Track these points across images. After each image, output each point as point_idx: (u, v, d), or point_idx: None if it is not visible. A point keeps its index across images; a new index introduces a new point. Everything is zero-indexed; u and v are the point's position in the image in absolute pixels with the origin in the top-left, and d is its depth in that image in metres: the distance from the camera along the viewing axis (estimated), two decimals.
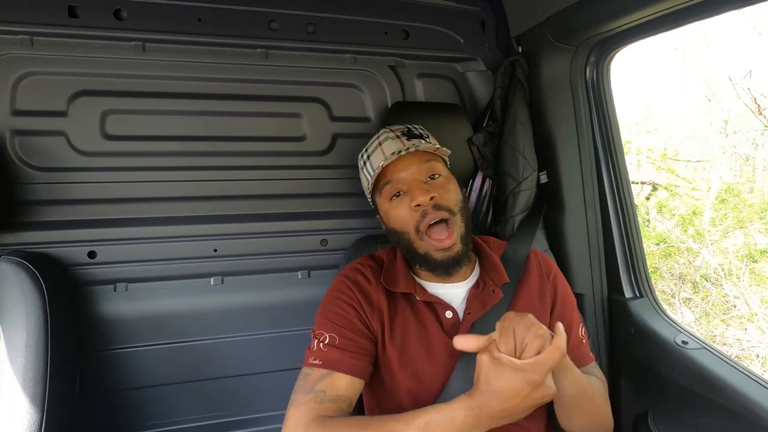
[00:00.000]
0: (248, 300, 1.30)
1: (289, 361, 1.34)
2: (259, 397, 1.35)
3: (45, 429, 0.93)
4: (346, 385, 0.84)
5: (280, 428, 0.81)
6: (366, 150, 1.01)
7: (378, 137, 1.00)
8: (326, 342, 0.87)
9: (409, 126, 1.01)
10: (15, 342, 0.97)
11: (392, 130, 0.99)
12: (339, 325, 0.89)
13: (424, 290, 0.94)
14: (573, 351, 0.96)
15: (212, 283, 1.27)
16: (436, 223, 0.90)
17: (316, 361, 0.85)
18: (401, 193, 0.93)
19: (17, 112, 1.12)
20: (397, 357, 0.90)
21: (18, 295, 1.00)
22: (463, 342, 0.73)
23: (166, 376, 1.26)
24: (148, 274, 1.23)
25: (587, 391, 0.86)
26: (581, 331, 0.99)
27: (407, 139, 0.95)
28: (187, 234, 1.24)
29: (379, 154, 0.95)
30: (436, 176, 0.94)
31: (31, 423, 0.92)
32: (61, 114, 1.15)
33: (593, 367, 0.99)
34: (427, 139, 0.99)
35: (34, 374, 0.95)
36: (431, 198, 0.89)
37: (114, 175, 1.19)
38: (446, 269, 0.91)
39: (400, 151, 0.92)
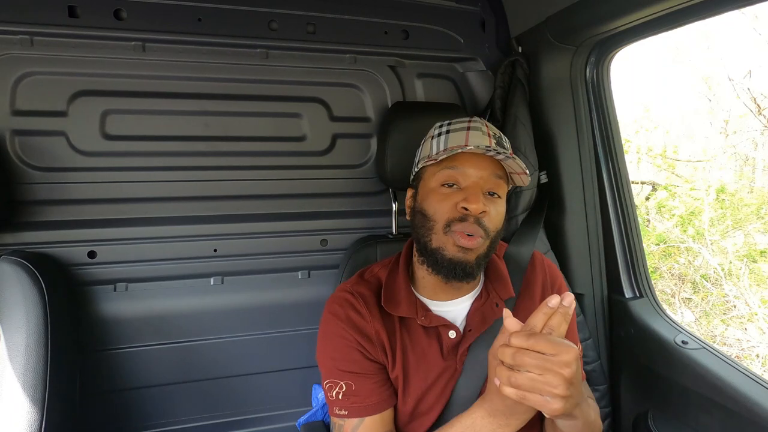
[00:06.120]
0: (248, 300, 1.30)
1: (289, 361, 1.34)
2: (259, 397, 1.35)
3: (45, 429, 0.93)
4: (380, 421, 0.86)
5: (280, 428, 0.81)
6: (450, 124, 0.93)
7: (470, 121, 0.92)
8: (344, 391, 0.87)
9: (503, 135, 0.95)
10: (15, 342, 0.97)
11: (486, 125, 0.92)
12: (349, 371, 0.87)
13: (426, 311, 0.90)
14: None
15: (212, 283, 1.27)
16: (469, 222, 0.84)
17: (343, 412, 0.86)
18: (457, 186, 0.86)
19: (17, 112, 1.12)
20: (400, 381, 0.89)
21: (18, 295, 1.00)
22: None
23: (166, 376, 1.26)
24: (148, 274, 1.23)
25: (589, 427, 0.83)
26: (579, 349, 0.98)
27: (496, 143, 0.89)
28: (187, 234, 1.24)
29: (462, 136, 0.89)
30: (496, 195, 0.87)
31: (31, 423, 0.92)
32: (61, 114, 1.14)
33: (584, 386, 0.95)
34: (511, 158, 0.90)
35: (34, 374, 0.95)
36: (481, 213, 0.83)
37: (114, 175, 1.19)
38: (450, 271, 0.84)
39: (487, 148, 0.84)
